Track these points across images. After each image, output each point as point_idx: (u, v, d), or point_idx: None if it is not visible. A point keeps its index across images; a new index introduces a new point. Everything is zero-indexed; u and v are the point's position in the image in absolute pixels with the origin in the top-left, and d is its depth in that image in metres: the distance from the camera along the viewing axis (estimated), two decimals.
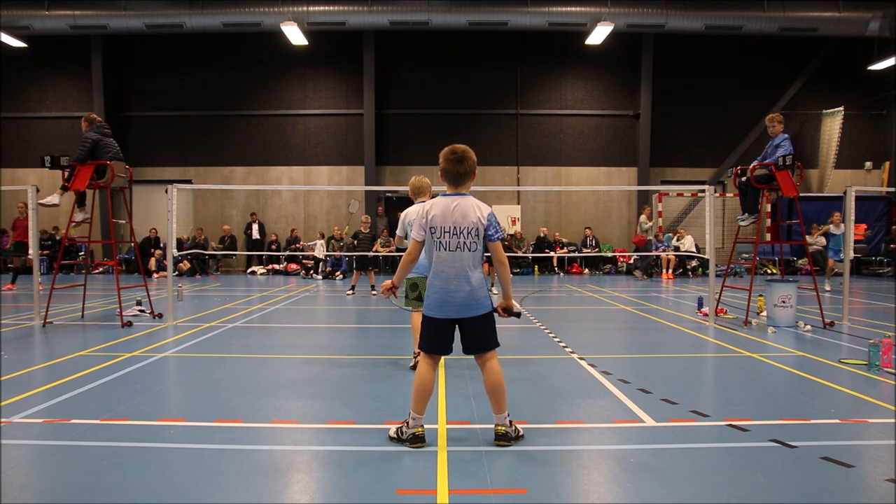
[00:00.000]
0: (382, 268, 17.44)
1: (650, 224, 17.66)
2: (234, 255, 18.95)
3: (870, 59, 18.30)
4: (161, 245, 17.29)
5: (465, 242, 3.46)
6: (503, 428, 3.56)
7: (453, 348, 3.59)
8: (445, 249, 3.48)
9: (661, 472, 3.22)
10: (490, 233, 3.48)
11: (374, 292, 12.14)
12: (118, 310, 8.22)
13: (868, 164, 20.02)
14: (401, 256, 3.75)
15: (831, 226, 13.68)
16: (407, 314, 6.21)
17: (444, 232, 3.47)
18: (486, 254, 3.57)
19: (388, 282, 3.77)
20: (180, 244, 16.12)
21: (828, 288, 12.36)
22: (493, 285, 11.44)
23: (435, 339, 3.55)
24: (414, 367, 5.39)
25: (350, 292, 12.13)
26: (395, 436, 3.61)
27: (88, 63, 19.16)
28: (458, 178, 3.53)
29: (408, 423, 3.57)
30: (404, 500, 2.89)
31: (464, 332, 3.56)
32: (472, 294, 3.48)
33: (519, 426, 3.70)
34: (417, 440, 3.52)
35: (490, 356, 3.57)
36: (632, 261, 18.39)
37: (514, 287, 13.63)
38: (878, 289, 13.42)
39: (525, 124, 19.83)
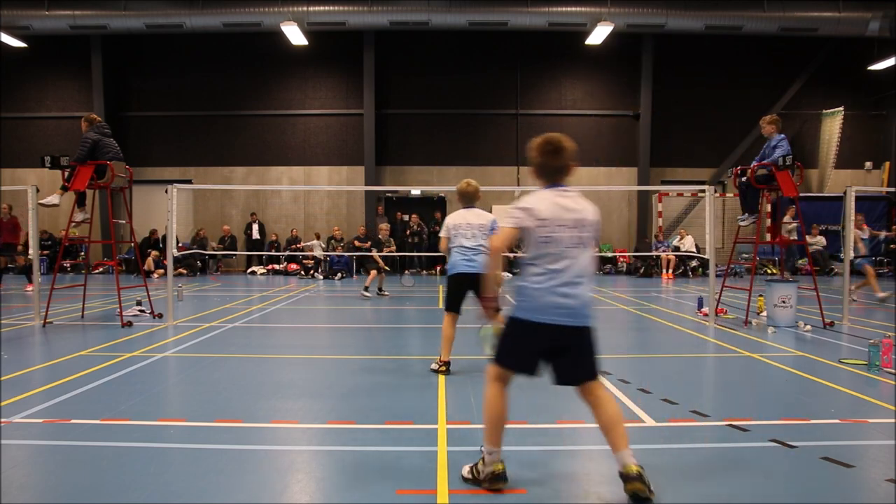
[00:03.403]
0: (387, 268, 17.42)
1: (794, 225, 17.22)
2: (234, 255, 18.94)
3: (870, 59, 18.29)
4: (160, 245, 17.28)
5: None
6: (635, 468, 2.81)
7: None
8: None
9: (661, 472, 3.22)
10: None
11: (384, 292, 12.20)
12: (118, 310, 8.22)
13: (868, 164, 20.01)
14: (441, 255, 3.27)
15: (857, 230, 11.32)
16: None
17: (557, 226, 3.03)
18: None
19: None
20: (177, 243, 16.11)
21: (855, 298, 10.63)
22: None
23: (512, 352, 3.00)
24: (436, 371, 5.35)
25: (385, 293, 12.20)
26: (471, 476, 3.02)
27: (88, 63, 19.15)
28: (555, 172, 3.23)
29: (483, 460, 2.98)
30: (404, 500, 2.89)
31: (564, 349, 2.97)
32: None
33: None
34: (498, 479, 2.92)
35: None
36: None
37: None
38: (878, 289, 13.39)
39: (525, 124, 19.82)
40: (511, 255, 12.55)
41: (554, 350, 2.96)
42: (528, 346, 2.96)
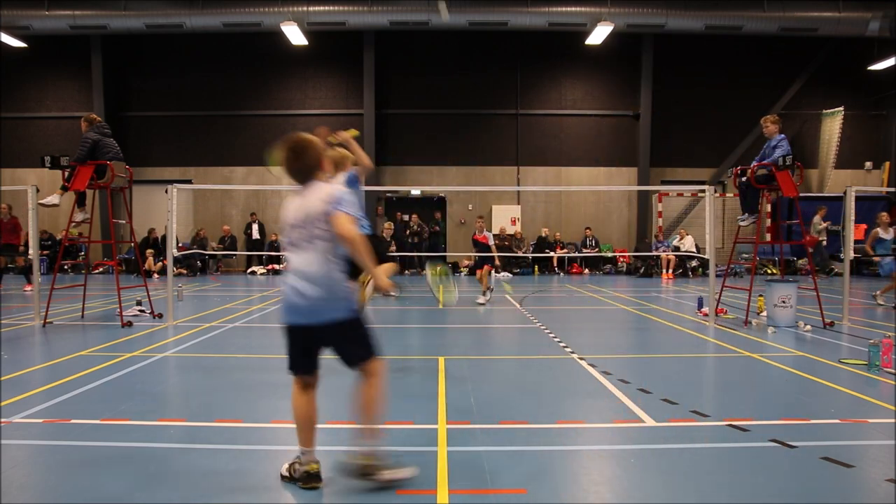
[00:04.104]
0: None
1: (824, 225, 17.23)
2: (235, 255, 18.94)
3: (870, 59, 18.29)
4: (158, 245, 17.27)
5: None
6: (367, 459, 2.96)
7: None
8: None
9: (661, 472, 3.22)
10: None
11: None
12: (118, 310, 8.22)
13: (868, 164, 20.01)
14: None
15: (879, 229, 11.07)
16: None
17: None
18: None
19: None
20: (176, 243, 16.09)
21: (881, 302, 10.35)
22: (489, 290, 11.12)
23: (291, 355, 3.07)
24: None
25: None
26: (287, 475, 3.07)
27: (88, 63, 19.15)
28: (299, 174, 3.06)
29: (299, 460, 3.05)
30: (404, 500, 2.89)
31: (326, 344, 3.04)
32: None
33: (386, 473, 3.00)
34: (311, 479, 2.97)
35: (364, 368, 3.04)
36: (630, 260, 18.40)
37: (516, 286, 13.66)
38: (878, 289, 13.39)
39: (525, 124, 19.82)
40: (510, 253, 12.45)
41: (317, 345, 3.05)
42: (292, 348, 3.06)
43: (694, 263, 17.33)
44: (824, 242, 16.98)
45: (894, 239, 11.16)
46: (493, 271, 11.47)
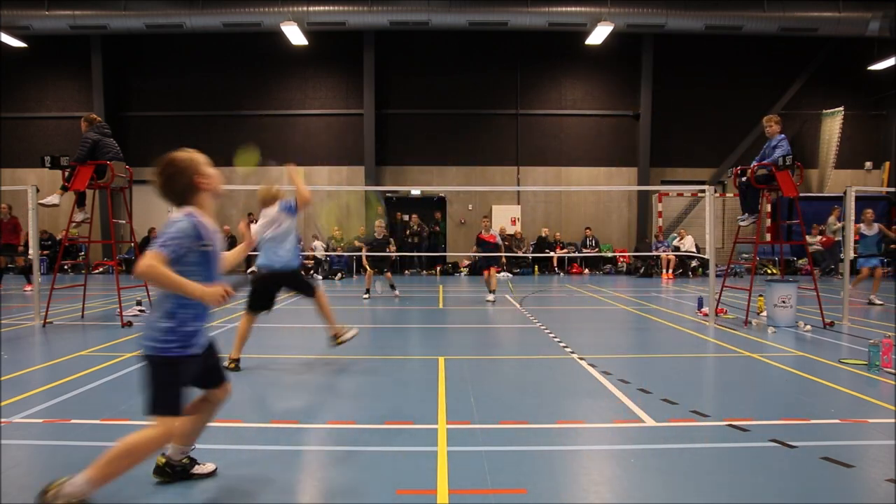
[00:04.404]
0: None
1: (839, 225, 17.05)
2: None
3: (870, 59, 18.29)
4: None
5: None
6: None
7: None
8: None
9: (661, 472, 3.22)
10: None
11: (395, 293, 11.96)
12: (118, 310, 8.22)
13: (868, 164, 20.01)
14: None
15: (862, 225, 11.22)
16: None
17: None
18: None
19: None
20: None
21: (878, 302, 10.39)
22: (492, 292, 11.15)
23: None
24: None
25: (366, 296, 11.70)
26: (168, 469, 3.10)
27: (88, 63, 19.15)
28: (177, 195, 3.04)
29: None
30: (404, 500, 2.89)
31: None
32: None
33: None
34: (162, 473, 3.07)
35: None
36: (631, 260, 18.39)
37: (517, 286, 13.66)
38: (878, 288, 13.39)
39: (525, 124, 19.83)
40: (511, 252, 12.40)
41: None
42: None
43: (694, 263, 17.33)
44: (893, 245, 15.67)
45: (876, 236, 11.25)
46: (499, 272, 11.53)
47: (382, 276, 12.20)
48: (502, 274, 16.48)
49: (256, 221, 5.99)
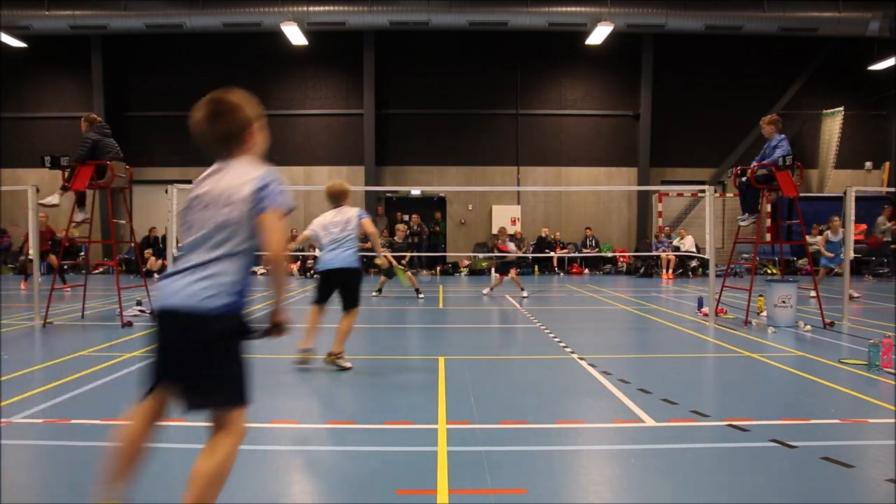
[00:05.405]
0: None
1: (888, 225, 16.58)
2: None
3: (870, 59, 18.29)
4: (160, 245, 17.26)
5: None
6: None
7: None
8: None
9: (661, 472, 3.22)
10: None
11: (420, 296, 11.68)
12: (118, 310, 8.22)
13: (868, 165, 20.01)
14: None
15: (829, 232, 12.33)
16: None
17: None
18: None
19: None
20: (177, 244, 16.07)
21: (856, 295, 10.96)
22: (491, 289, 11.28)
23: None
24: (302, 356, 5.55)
25: (421, 296, 11.59)
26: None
27: (88, 63, 19.15)
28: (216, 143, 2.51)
29: None
30: (404, 500, 2.89)
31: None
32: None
33: None
34: None
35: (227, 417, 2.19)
36: (631, 261, 18.38)
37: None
38: (878, 289, 13.42)
39: (525, 124, 19.83)
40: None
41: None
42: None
43: (694, 263, 17.33)
44: (892, 245, 15.56)
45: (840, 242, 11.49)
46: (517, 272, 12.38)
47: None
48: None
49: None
